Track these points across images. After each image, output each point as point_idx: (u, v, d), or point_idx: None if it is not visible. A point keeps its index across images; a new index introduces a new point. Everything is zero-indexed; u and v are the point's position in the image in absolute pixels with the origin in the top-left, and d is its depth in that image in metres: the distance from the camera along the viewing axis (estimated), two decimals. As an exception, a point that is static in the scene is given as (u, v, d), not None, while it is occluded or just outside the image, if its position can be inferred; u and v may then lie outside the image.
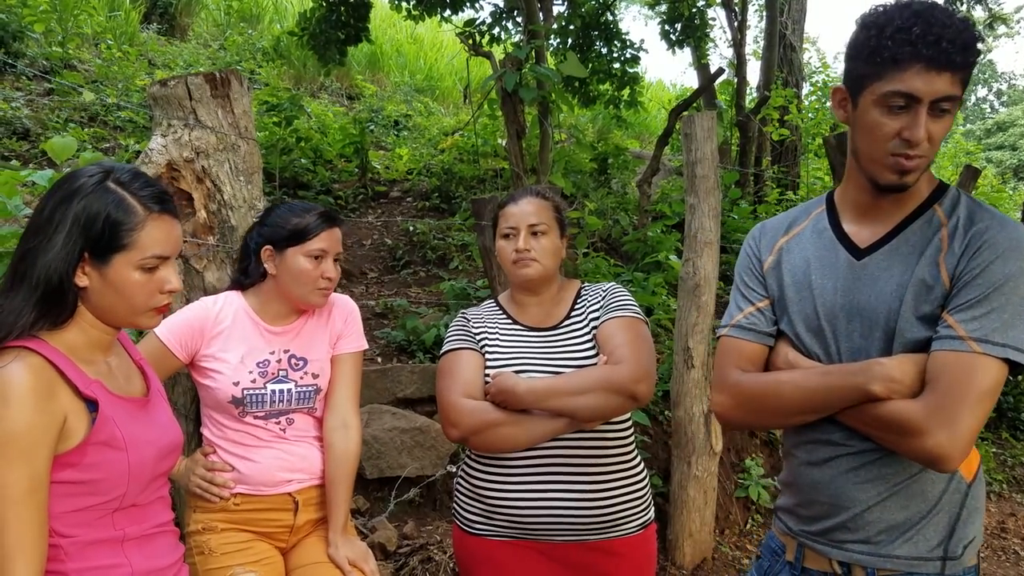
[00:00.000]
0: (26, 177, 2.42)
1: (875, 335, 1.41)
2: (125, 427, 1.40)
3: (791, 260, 1.56)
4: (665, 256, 5.45)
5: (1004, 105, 30.23)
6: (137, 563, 1.42)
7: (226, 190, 2.42)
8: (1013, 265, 1.31)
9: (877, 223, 1.46)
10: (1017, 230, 1.34)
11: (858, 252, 1.47)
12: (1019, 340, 1.29)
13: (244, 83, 2.50)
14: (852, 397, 1.37)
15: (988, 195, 9.42)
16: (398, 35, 13.05)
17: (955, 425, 1.26)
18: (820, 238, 1.53)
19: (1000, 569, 4.59)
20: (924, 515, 1.42)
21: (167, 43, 10.33)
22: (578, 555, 1.96)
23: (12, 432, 1.25)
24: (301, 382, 2.08)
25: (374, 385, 4.01)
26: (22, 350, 1.31)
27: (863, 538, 1.45)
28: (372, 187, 7.91)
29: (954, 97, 1.32)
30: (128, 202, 1.38)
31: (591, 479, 1.95)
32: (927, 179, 1.45)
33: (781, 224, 1.63)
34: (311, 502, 2.09)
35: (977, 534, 1.46)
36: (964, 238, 1.36)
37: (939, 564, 1.42)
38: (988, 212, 1.39)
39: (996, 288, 1.30)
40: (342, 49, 8.23)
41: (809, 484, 1.53)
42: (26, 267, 1.35)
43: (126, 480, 1.39)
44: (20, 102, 7.02)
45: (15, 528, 1.24)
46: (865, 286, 1.43)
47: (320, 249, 2.05)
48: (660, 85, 15.38)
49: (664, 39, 8.35)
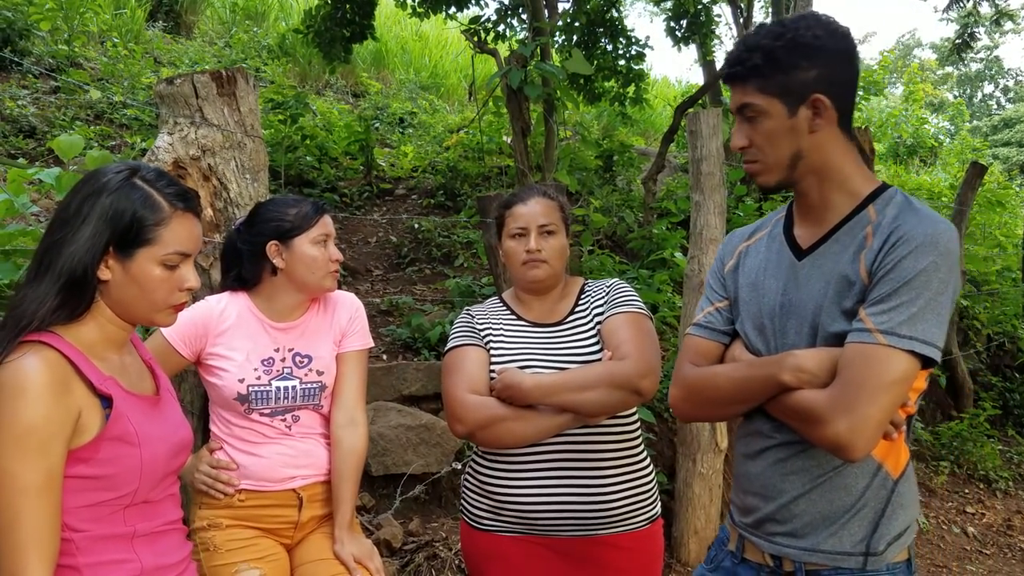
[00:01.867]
0: (33, 175, 2.43)
1: (804, 331, 1.47)
2: (138, 423, 1.41)
3: (748, 263, 1.63)
4: (670, 253, 5.44)
5: (1011, 101, 30.13)
6: (147, 559, 1.43)
7: (232, 188, 2.43)
8: (925, 260, 1.33)
9: (818, 225, 1.52)
10: (935, 226, 1.37)
11: (800, 253, 1.53)
12: (927, 334, 1.32)
13: (250, 81, 2.51)
14: (768, 387, 1.43)
15: (994, 192, 9.37)
16: (403, 32, 13.03)
17: (855, 414, 1.30)
18: (774, 242, 1.60)
19: (1006, 566, 4.59)
20: (848, 509, 1.45)
21: (172, 41, 10.34)
22: (585, 550, 1.97)
23: (29, 425, 1.26)
24: (306, 379, 2.09)
25: (379, 382, 4.02)
26: (38, 344, 1.32)
27: (790, 531, 1.49)
28: (377, 185, 7.92)
29: (751, 104, 1.45)
30: (155, 198, 1.42)
31: (598, 474, 1.95)
32: (867, 180, 1.50)
33: (747, 231, 1.72)
34: (316, 498, 2.09)
35: (904, 531, 1.48)
36: (884, 235, 1.39)
37: (861, 560, 1.44)
38: (914, 210, 1.42)
39: (907, 283, 1.34)
40: (347, 47, 8.23)
41: (744, 476, 1.60)
42: (51, 258, 1.37)
43: (138, 476, 1.40)
44: (26, 100, 7.04)
45: (30, 521, 1.25)
46: (801, 285, 1.49)
47: (324, 234, 2.09)
48: (665, 82, 15.36)
49: (669, 36, 8.31)
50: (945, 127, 19.41)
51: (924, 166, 14.02)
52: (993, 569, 4.53)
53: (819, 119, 1.44)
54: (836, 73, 1.43)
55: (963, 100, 25.67)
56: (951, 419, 6.17)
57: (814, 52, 1.41)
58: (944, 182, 11.20)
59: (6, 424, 1.26)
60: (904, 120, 14.39)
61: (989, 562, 4.62)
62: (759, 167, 1.51)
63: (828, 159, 1.48)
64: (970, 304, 6.97)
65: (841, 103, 1.45)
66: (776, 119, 1.45)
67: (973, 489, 5.58)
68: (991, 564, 4.59)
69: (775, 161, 1.48)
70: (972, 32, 10.93)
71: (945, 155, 14.61)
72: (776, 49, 1.42)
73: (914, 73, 17.82)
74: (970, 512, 5.23)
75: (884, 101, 16.13)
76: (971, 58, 26.62)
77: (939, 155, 14.65)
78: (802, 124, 1.44)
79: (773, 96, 1.44)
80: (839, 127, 1.47)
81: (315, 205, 2.12)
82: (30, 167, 2.57)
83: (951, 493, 5.45)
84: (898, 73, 22.98)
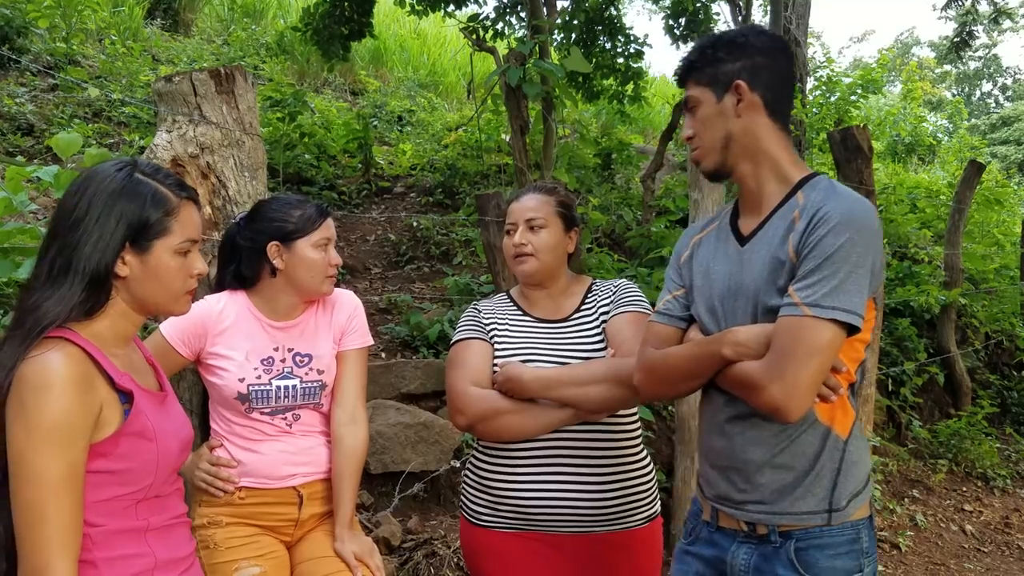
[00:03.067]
0: (32, 173, 2.43)
1: (748, 310, 1.61)
2: (154, 419, 1.44)
3: (700, 253, 1.78)
4: (669, 251, 5.44)
5: (1009, 100, 30.16)
6: (160, 552, 1.44)
7: (231, 186, 2.42)
8: (843, 236, 1.47)
9: (757, 213, 1.67)
10: (853, 205, 1.51)
11: (742, 240, 1.68)
12: (848, 303, 1.46)
13: (249, 79, 2.50)
14: (714, 362, 1.58)
15: (992, 190, 9.36)
16: (401, 30, 13.02)
17: (786, 379, 1.44)
18: (722, 232, 1.76)
19: (1004, 564, 4.59)
20: (807, 472, 1.57)
21: (171, 39, 10.33)
22: (584, 547, 1.97)
23: (55, 420, 1.27)
24: (306, 378, 2.09)
25: (378, 380, 4.02)
26: (59, 340, 1.33)
27: (758, 499, 1.61)
28: (376, 183, 7.92)
29: (690, 96, 1.68)
30: (161, 191, 1.46)
31: (598, 471, 1.95)
32: (798, 168, 1.66)
33: (700, 224, 1.87)
34: (316, 496, 2.09)
35: (863, 487, 1.61)
36: (808, 217, 1.53)
37: (826, 516, 1.57)
38: (835, 192, 1.56)
39: (827, 258, 1.47)
40: (346, 44, 8.23)
41: (710, 450, 1.72)
42: (68, 259, 1.38)
43: (154, 470, 1.42)
44: (24, 98, 7.03)
45: (56, 516, 1.26)
46: (744, 268, 1.63)
47: (325, 238, 2.09)
48: (664, 80, 15.32)
49: (668, 34, 8.31)
50: (943, 125, 19.42)
51: (922, 164, 14.02)
52: (991, 567, 4.54)
53: (741, 103, 1.62)
54: (759, 66, 1.62)
55: (961, 98, 25.66)
56: (949, 417, 6.18)
57: (738, 48, 1.64)
58: (942, 180, 11.20)
59: (34, 419, 1.26)
60: (902, 118, 14.38)
61: (987, 560, 4.63)
62: (699, 152, 1.70)
63: (758, 144, 1.64)
64: (968, 302, 6.98)
65: (767, 93, 1.63)
66: (707, 105, 1.66)
67: (971, 487, 5.58)
68: (988, 562, 4.60)
69: (710, 143, 1.67)
70: (970, 30, 10.94)
71: (943, 153, 14.60)
72: (707, 46, 1.67)
73: (912, 71, 17.80)
74: (968, 510, 5.24)
75: (882, 99, 16.12)
76: (969, 56, 26.62)
77: (937, 153, 14.65)
78: (728, 108, 1.63)
79: (705, 86, 1.66)
80: (769, 117, 1.64)
81: (319, 208, 2.11)
82: (28, 165, 2.56)
83: (949, 491, 5.45)
84: (896, 71, 22.99)
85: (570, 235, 2.13)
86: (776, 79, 1.64)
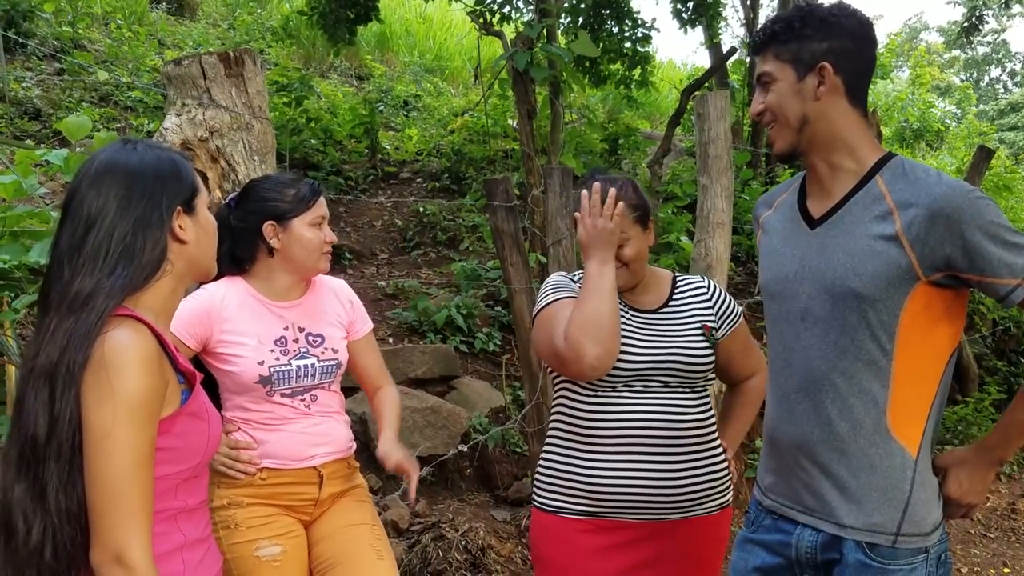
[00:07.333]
0: (41, 156, 2.43)
1: (815, 294, 1.59)
2: (204, 398, 1.46)
3: (770, 233, 1.78)
4: (676, 237, 5.44)
5: (1018, 85, 29.94)
6: (188, 532, 1.44)
7: (240, 170, 2.43)
8: (982, 209, 1.45)
9: (828, 196, 1.63)
10: (950, 181, 1.49)
11: (812, 223, 1.64)
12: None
13: (257, 62, 2.50)
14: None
15: (1001, 176, 9.32)
16: (407, 14, 12.95)
17: None
18: (790, 211, 1.73)
19: (1010, 550, 4.60)
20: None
21: (176, 23, 10.31)
22: (652, 534, 1.95)
23: (141, 396, 1.27)
24: (323, 357, 2.12)
25: (386, 365, 4.03)
26: (128, 319, 1.32)
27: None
28: (382, 168, 7.91)
29: (767, 72, 1.61)
30: (168, 152, 1.47)
31: (674, 458, 1.93)
32: (872, 150, 1.60)
33: (769, 198, 1.85)
34: (336, 475, 2.12)
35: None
36: (917, 212, 1.48)
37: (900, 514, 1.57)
38: (929, 174, 1.52)
39: (993, 236, 1.46)
40: (351, 29, 8.18)
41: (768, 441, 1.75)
42: (125, 244, 1.34)
43: (203, 451, 1.43)
44: (31, 82, 7.03)
45: (138, 492, 1.27)
46: (816, 253, 1.61)
47: (320, 216, 2.10)
48: (671, 65, 15.21)
49: (676, 18, 8.25)
50: (952, 111, 19.29)
51: (930, 150, 13.94)
52: (997, 552, 4.55)
53: (823, 87, 1.56)
54: (846, 48, 1.55)
55: (970, 84, 25.49)
56: (956, 403, 6.17)
57: (827, 27, 1.56)
58: (951, 166, 11.15)
59: (120, 393, 1.26)
60: (910, 104, 14.29)
61: (993, 545, 4.64)
62: (774, 132, 1.64)
63: (834, 129, 1.59)
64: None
65: (850, 78, 1.56)
66: (785, 83, 1.59)
67: (977, 473, 5.58)
68: (995, 547, 4.61)
69: (784, 123, 1.61)
70: (980, 15, 10.86)
71: (952, 139, 14.51)
72: (794, 20, 1.58)
73: (921, 56, 17.67)
74: (974, 496, 5.24)
75: (890, 84, 16.02)
76: (978, 41, 26.45)
77: (945, 139, 14.56)
78: (808, 90, 1.57)
79: (786, 62, 1.58)
80: (848, 102, 1.58)
81: (311, 186, 2.12)
82: (37, 149, 2.56)
83: (955, 477, 5.46)
84: (905, 56, 22.82)
85: (648, 229, 2.05)
86: (860, 66, 1.58)
